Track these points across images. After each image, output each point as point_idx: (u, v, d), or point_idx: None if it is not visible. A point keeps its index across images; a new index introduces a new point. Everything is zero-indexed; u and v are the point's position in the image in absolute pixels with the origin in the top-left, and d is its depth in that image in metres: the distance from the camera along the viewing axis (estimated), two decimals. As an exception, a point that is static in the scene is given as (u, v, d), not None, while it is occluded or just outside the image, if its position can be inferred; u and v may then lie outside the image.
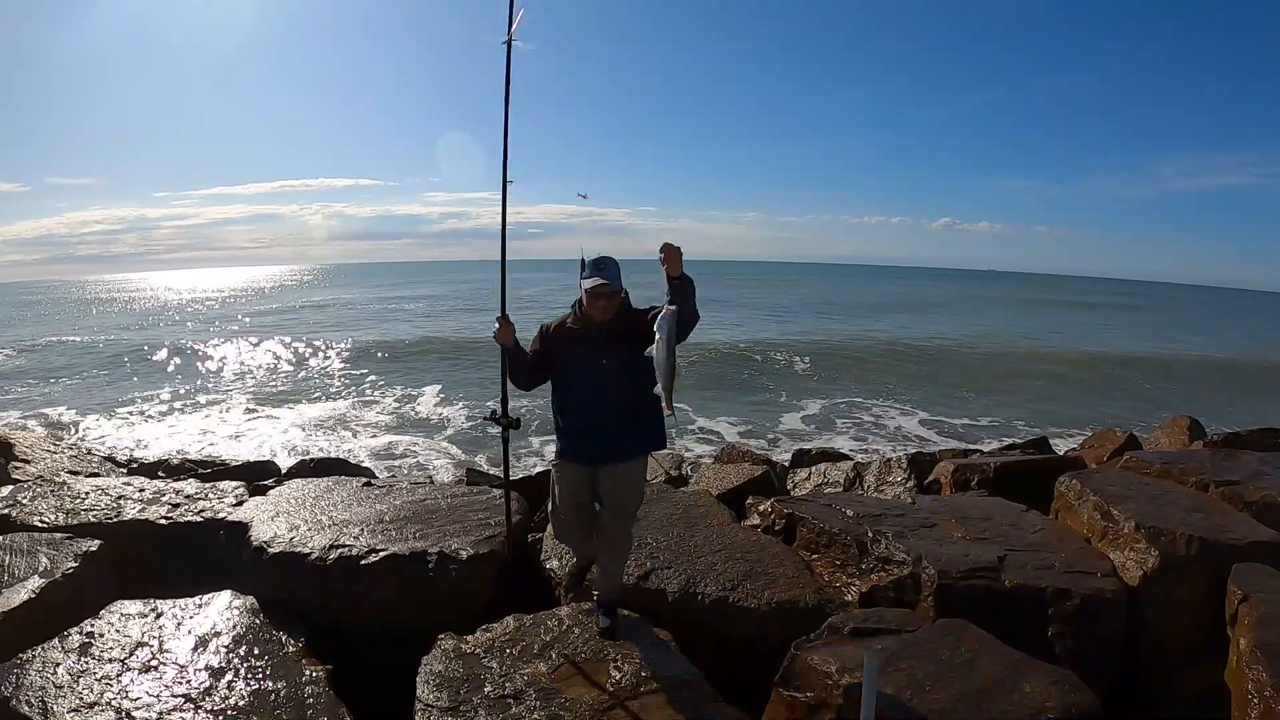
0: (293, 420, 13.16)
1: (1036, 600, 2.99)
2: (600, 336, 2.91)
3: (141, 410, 14.13)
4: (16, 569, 3.41)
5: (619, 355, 2.89)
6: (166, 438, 11.92)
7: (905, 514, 3.80)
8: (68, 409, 14.14)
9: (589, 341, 2.93)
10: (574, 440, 3.01)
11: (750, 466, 5.92)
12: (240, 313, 38.96)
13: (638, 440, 3.00)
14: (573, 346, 2.96)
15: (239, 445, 11.36)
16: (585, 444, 2.98)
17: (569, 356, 2.97)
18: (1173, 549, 3.17)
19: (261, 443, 11.48)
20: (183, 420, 13.47)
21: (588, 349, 2.92)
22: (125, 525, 3.99)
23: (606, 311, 2.89)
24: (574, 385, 2.98)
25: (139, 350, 21.92)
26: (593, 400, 2.94)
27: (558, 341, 3.02)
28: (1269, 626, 2.64)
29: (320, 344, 21.69)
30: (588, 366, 2.92)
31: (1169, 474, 4.18)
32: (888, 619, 2.89)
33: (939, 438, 12.31)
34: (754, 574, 3.35)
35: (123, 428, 12.79)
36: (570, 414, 3.01)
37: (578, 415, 2.99)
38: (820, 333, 26.41)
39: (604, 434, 2.94)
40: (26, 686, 2.63)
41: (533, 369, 3.06)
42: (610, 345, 2.89)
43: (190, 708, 2.59)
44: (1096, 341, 26.46)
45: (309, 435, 12.03)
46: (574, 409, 3.00)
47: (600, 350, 2.90)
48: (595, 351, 2.91)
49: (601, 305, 2.88)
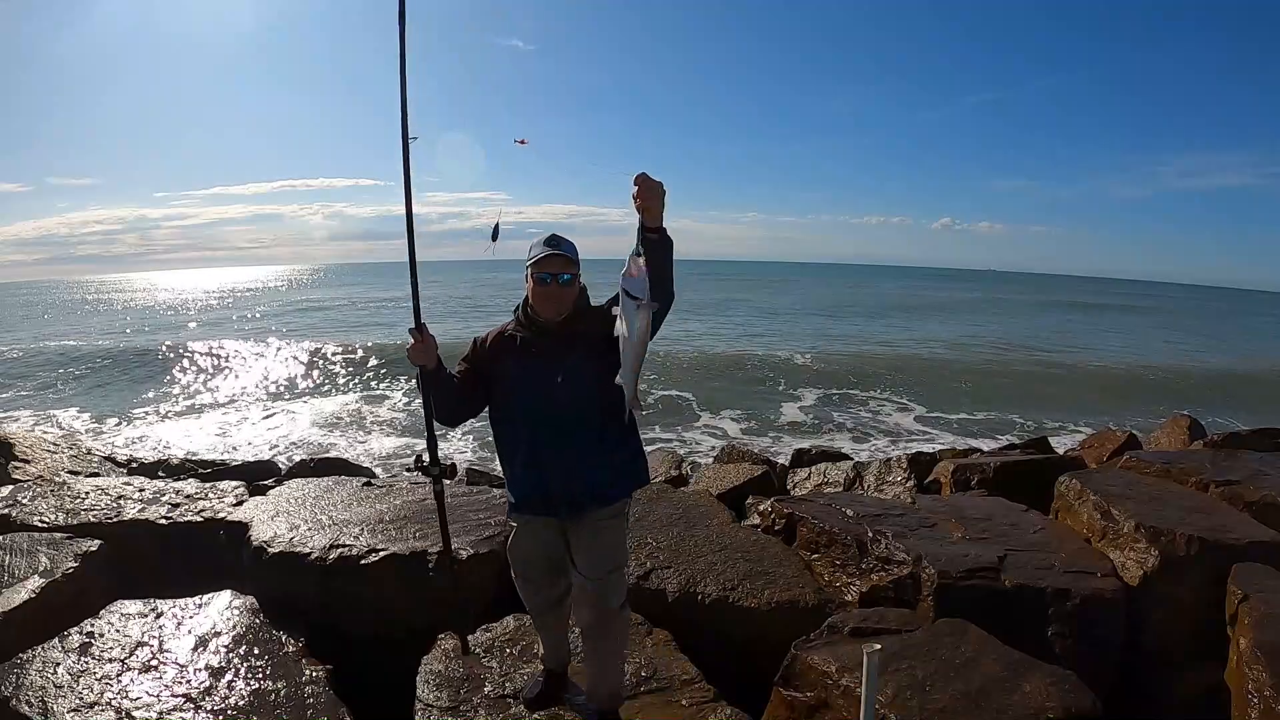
0: (293, 420, 13.17)
1: (1036, 600, 2.99)
2: (553, 343, 2.27)
3: (141, 410, 14.13)
4: (16, 569, 3.41)
5: (579, 364, 2.23)
6: (166, 438, 11.92)
7: (905, 514, 3.80)
8: (68, 409, 14.14)
9: (538, 351, 2.27)
10: (529, 486, 2.32)
11: (750, 466, 5.93)
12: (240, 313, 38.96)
13: (614, 476, 2.32)
14: (517, 360, 2.29)
15: (239, 445, 11.37)
16: (544, 489, 2.29)
17: (512, 374, 2.29)
18: (1173, 549, 3.17)
19: (261, 443, 11.49)
20: (183, 420, 13.48)
21: (537, 361, 2.26)
22: (125, 525, 4.00)
23: (561, 307, 2.26)
24: (521, 411, 2.29)
25: (138, 350, 21.92)
26: (547, 428, 2.25)
27: (496, 355, 2.34)
28: (1269, 626, 2.64)
29: (320, 344, 21.69)
30: (538, 384, 2.24)
31: (1169, 474, 4.18)
32: (888, 619, 2.89)
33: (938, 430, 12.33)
34: (754, 574, 3.36)
35: (123, 428, 12.80)
36: (520, 450, 2.32)
37: (530, 451, 2.29)
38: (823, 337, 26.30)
39: (567, 473, 2.26)
40: (26, 686, 2.63)
41: (462, 397, 2.37)
42: (567, 353, 2.24)
43: (190, 707, 2.59)
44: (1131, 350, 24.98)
45: (309, 435, 12.04)
46: (524, 443, 2.30)
47: (554, 361, 2.24)
48: (547, 364, 2.25)
49: (554, 297, 2.24)
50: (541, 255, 2.24)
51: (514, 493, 2.39)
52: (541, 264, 2.25)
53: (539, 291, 2.26)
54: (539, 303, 2.28)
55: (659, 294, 2.01)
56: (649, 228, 1.99)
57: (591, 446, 2.27)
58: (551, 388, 2.23)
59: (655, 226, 2.00)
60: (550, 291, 2.26)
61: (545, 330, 2.29)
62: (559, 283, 2.26)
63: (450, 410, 2.40)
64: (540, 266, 2.25)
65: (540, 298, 2.27)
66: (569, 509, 2.30)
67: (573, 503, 2.28)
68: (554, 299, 2.26)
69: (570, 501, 2.29)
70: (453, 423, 2.46)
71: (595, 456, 2.28)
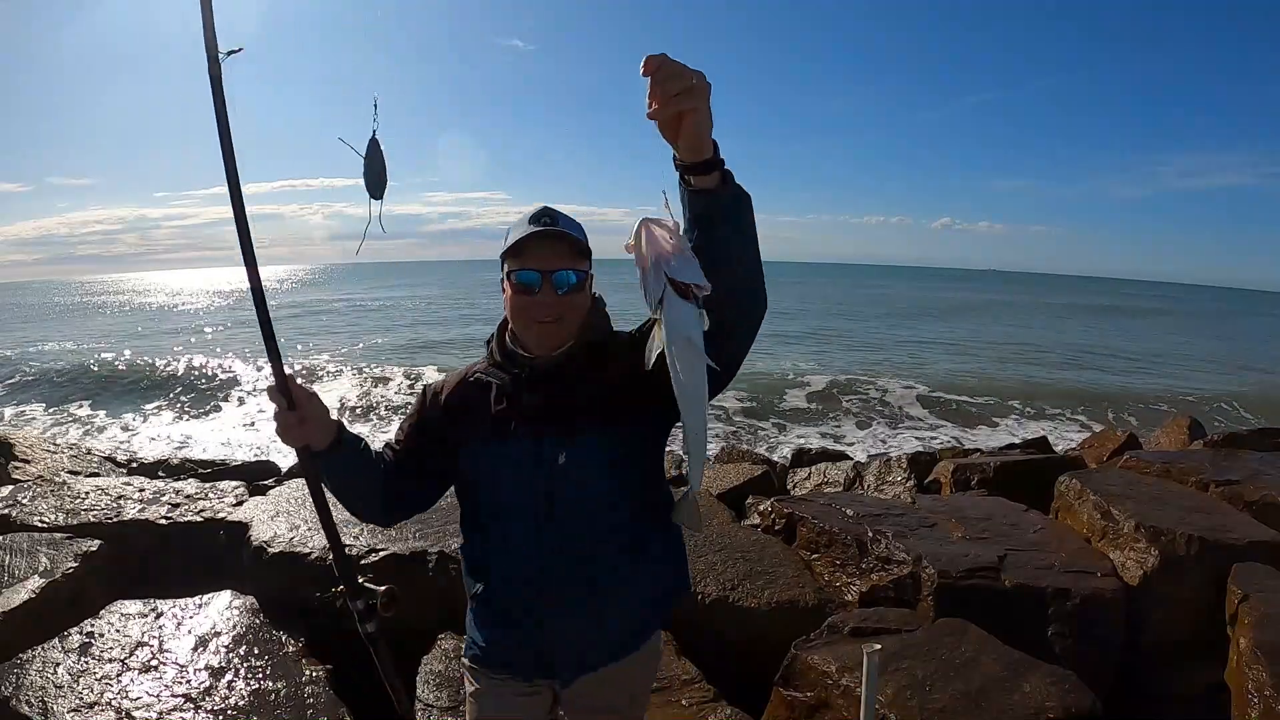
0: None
1: (1036, 600, 2.99)
2: (550, 397, 1.40)
3: (141, 410, 14.13)
4: (16, 569, 3.41)
5: (597, 432, 1.38)
6: (166, 438, 11.92)
7: (905, 514, 3.80)
8: (68, 409, 14.14)
9: (525, 411, 1.41)
10: (511, 636, 1.49)
11: (750, 466, 5.92)
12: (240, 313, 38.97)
13: (650, 611, 1.53)
14: (491, 426, 1.43)
15: (239, 445, 11.37)
16: (535, 643, 1.47)
17: (482, 450, 1.44)
18: (1173, 549, 3.17)
19: (262, 443, 11.49)
20: (183, 420, 13.48)
21: (523, 428, 1.40)
22: (125, 525, 4.00)
23: (560, 331, 1.39)
24: (498, 514, 1.46)
25: (138, 350, 21.92)
26: (543, 544, 1.41)
27: (456, 418, 1.48)
28: (1269, 626, 2.64)
29: (320, 344, 21.70)
30: (525, 468, 1.40)
31: (1169, 474, 4.18)
32: (888, 619, 2.89)
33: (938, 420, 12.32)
34: (754, 574, 3.35)
35: (123, 428, 12.80)
36: (496, 577, 1.48)
37: (513, 580, 1.45)
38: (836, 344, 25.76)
39: (576, 620, 1.44)
40: (26, 686, 2.64)
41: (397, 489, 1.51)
42: (574, 413, 1.38)
43: (190, 707, 2.59)
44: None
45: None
46: (501, 559, 1.47)
47: (551, 427, 1.39)
48: (540, 432, 1.39)
49: (547, 312, 1.36)
50: (524, 237, 1.34)
51: (482, 638, 1.52)
52: (523, 254, 1.35)
53: (521, 305, 1.38)
54: (523, 325, 1.40)
55: (732, 290, 1.13)
56: (693, 166, 1.09)
57: (619, 571, 1.43)
58: (549, 474, 1.38)
59: (705, 161, 1.08)
60: (540, 304, 1.36)
61: (537, 375, 1.41)
62: (555, 287, 1.35)
63: (376, 499, 1.51)
64: (521, 259, 1.36)
65: (524, 316, 1.38)
66: (575, 670, 1.48)
67: (582, 663, 1.47)
68: (547, 316, 1.37)
69: (579, 662, 1.47)
70: (385, 520, 1.59)
71: (624, 587, 1.45)
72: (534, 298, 1.37)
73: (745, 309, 1.21)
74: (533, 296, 1.37)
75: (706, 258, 1.09)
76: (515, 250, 1.37)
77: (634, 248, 1.09)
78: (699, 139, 1.06)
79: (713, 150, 1.09)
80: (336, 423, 1.45)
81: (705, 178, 1.10)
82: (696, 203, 1.12)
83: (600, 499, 1.42)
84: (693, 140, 1.06)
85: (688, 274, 1.06)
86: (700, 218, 1.13)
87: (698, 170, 1.10)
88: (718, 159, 1.10)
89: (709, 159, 1.09)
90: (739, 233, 1.15)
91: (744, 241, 1.16)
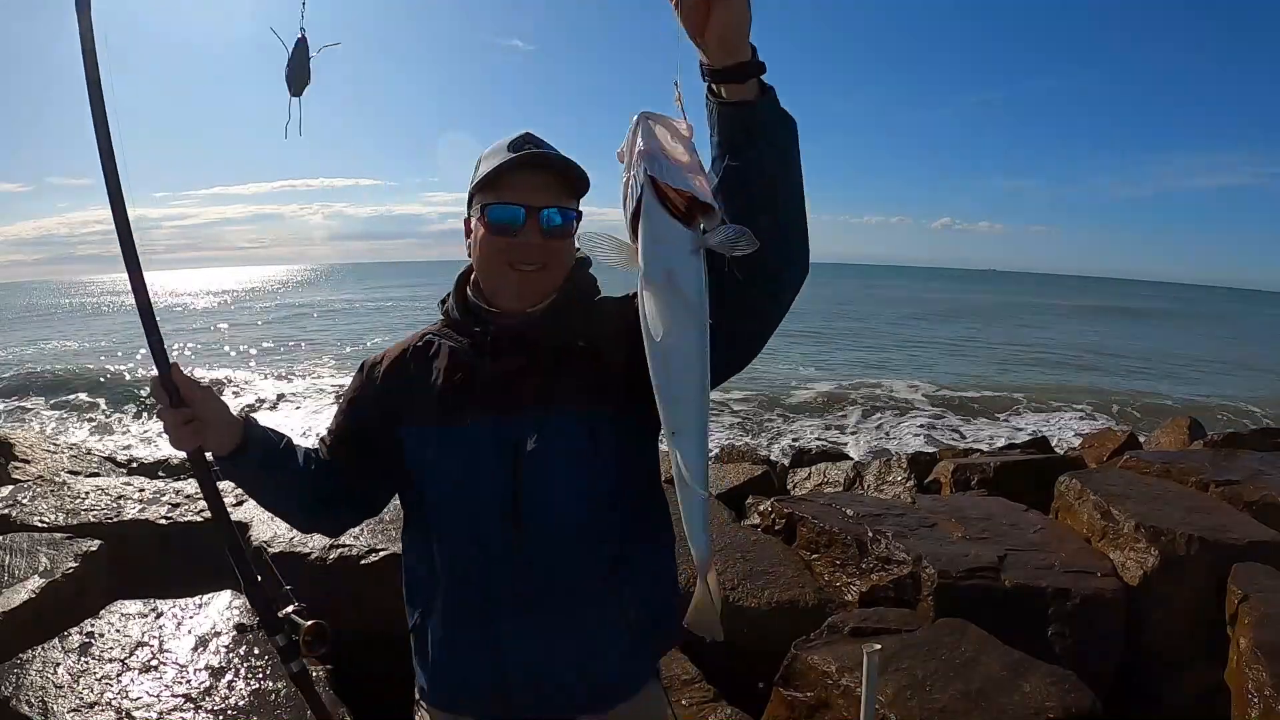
0: (293, 421, 13.17)
1: (1036, 600, 2.99)
2: (519, 363, 1.14)
3: (142, 411, 14.13)
4: (16, 569, 3.41)
5: (574, 410, 1.13)
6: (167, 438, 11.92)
7: (905, 514, 3.80)
8: (68, 409, 14.14)
9: (487, 381, 1.14)
10: (465, 666, 1.20)
11: (750, 466, 5.92)
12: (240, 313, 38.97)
13: (634, 640, 1.20)
14: (440, 398, 1.17)
15: (239, 445, 11.37)
16: (498, 675, 1.17)
17: (426, 430, 1.17)
18: (1173, 549, 3.17)
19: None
20: (183, 420, 13.47)
21: (483, 403, 1.14)
22: (125, 525, 4.00)
23: (540, 284, 1.15)
24: (448, 513, 1.18)
25: (138, 350, 21.91)
26: (502, 545, 1.14)
27: (397, 395, 1.22)
28: (1269, 626, 2.64)
29: (320, 344, 21.70)
30: (484, 455, 1.13)
31: (1169, 474, 4.18)
32: (888, 619, 2.89)
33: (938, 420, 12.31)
34: (754, 574, 3.35)
35: (123, 428, 12.80)
36: (444, 595, 1.21)
37: (468, 599, 1.18)
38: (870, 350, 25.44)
39: (543, 648, 1.15)
40: (26, 686, 2.64)
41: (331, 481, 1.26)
42: (549, 386, 1.13)
43: (190, 707, 2.59)
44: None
45: (309, 435, 12.04)
46: (453, 573, 1.19)
47: (519, 402, 1.13)
48: (506, 409, 1.13)
49: (528, 257, 1.12)
50: (501, 165, 1.09)
51: (431, 673, 1.24)
52: (500, 186, 1.10)
53: (497, 248, 1.12)
54: (496, 272, 1.14)
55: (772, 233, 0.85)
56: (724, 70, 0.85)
57: (596, 589, 1.16)
58: (515, 461, 1.11)
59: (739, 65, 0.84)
60: (523, 245, 1.11)
61: (504, 336, 1.15)
62: (540, 226, 1.10)
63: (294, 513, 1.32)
64: (497, 192, 1.10)
65: (498, 261, 1.13)
66: (539, 711, 1.18)
67: (551, 703, 1.17)
68: (530, 261, 1.12)
69: (546, 701, 1.17)
70: (315, 527, 1.41)
71: (604, 610, 1.17)
72: (514, 239, 1.11)
73: (783, 260, 0.91)
74: (513, 238, 1.11)
75: (737, 184, 0.85)
76: (489, 182, 1.10)
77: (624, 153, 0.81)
78: (733, 32, 0.81)
79: (750, 52, 0.83)
80: (240, 420, 1.19)
81: (739, 86, 0.85)
82: (726, 120, 0.86)
83: (574, 496, 1.13)
84: (725, 33, 0.81)
85: (679, 180, 0.77)
86: (731, 140, 0.86)
87: (730, 76, 0.84)
88: (756, 63, 0.84)
89: (745, 62, 0.84)
90: (778, 154, 0.87)
91: (784, 166, 0.88)
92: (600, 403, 1.13)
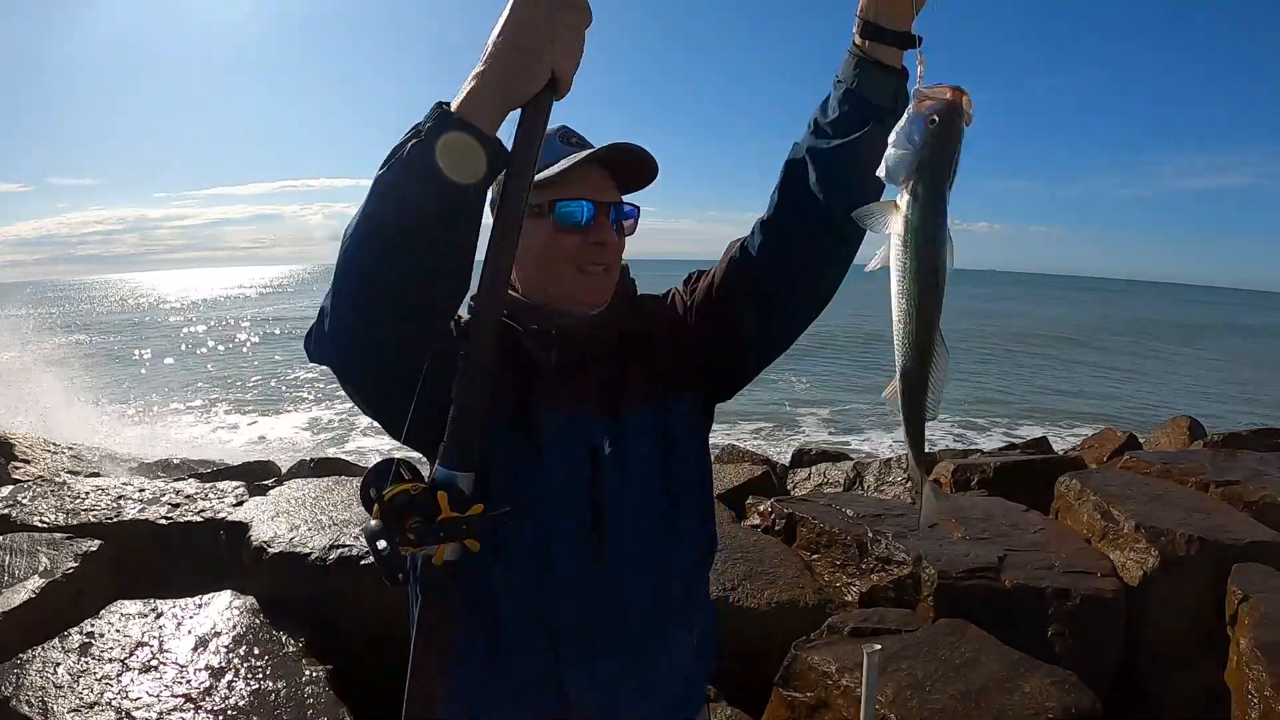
0: (293, 420, 13.18)
1: (1036, 600, 2.99)
2: (591, 361, 1.05)
3: (141, 410, 14.13)
4: (16, 569, 3.41)
5: (642, 406, 1.04)
6: (166, 438, 11.92)
7: (905, 514, 3.80)
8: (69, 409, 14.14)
9: (553, 375, 1.02)
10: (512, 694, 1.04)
11: (750, 466, 5.92)
12: (240, 313, 38.98)
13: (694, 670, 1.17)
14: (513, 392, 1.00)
15: (239, 445, 11.37)
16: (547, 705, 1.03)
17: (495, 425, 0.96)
18: (1173, 549, 3.17)
19: (262, 443, 11.50)
20: (183, 420, 13.48)
21: (553, 397, 1.01)
22: (125, 525, 4.00)
23: (609, 283, 1.08)
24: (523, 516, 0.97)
25: (139, 351, 21.93)
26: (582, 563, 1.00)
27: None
28: (1269, 626, 2.64)
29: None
30: (557, 452, 0.99)
31: (1169, 474, 4.18)
32: (888, 619, 2.89)
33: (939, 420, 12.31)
34: (754, 574, 3.35)
35: (123, 428, 12.80)
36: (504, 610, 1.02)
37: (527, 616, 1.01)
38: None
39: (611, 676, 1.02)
40: (26, 686, 2.64)
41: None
42: (621, 386, 1.04)
43: (190, 708, 2.59)
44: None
45: (309, 435, 12.04)
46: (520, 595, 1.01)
47: (587, 399, 1.02)
48: (571, 403, 1.01)
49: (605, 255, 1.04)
50: (578, 159, 1.01)
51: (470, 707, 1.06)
52: (570, 182, 1.01)
53: (567, 247, 1.03)
54: (563, 273, 1.04)
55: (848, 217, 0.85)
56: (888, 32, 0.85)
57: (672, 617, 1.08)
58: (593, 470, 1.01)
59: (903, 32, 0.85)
60: (590, 247, 1.03)
61: (570, 336, 1.04)
62: (613, 224, 1.05)
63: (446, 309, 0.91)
64: (566, 188, 1.02)
65: (566, 262, 1.03)
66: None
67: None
68: (600, 262, 1.04)
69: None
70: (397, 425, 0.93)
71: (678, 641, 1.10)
72: (587, 237, 1.02)
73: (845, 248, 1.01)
74: (584, 236, 1.02)
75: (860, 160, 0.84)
76: (559, 177, 1.00)
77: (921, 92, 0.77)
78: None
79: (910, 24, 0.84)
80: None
81: (896, 52, 0.86)
82: (876, 84, 0.85)
83: (656, 507, 1.03)
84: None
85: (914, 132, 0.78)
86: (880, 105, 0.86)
87: (892, 39, 0.84)
88: (913, 37, 0.83)
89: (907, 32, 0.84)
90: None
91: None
92: (667, 398, 1.07)
